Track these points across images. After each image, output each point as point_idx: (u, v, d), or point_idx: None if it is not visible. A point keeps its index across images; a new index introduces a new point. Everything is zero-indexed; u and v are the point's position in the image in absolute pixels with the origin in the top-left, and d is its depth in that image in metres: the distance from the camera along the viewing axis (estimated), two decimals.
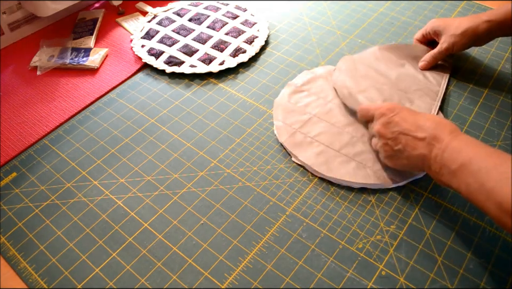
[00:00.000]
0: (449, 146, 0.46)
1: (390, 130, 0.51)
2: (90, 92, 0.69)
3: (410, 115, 0.51)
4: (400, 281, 0.47)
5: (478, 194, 0.42)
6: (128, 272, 0.48)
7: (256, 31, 0.79)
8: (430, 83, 0.67)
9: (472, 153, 0.44)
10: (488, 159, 0.43)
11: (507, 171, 0.41)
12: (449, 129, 0.48)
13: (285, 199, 0.55)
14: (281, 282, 0.47)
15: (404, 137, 0.50)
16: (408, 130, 0.50)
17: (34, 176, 0.58)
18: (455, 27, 0.66)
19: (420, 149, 0.48)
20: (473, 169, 0.43)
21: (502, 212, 0.40)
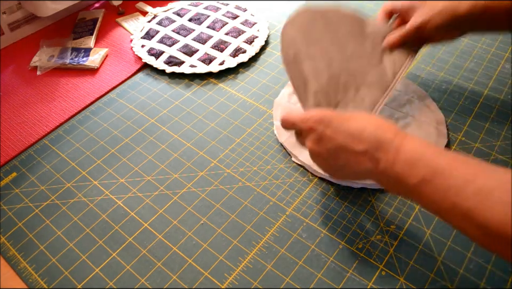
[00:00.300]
0: (399, 158, 0.39)
1: (325, 148, 0.44)
2: (90, 92, 0.69)
3: (342, 123, 0.43)
4: (400, 281, 0.47)
5: (451, 214, 0.37)
6: (128, 272, 0.48)
7: (256, 31, 0.79)
8: (383, 72, 0.58)
9: (430, 165, 0.38)
10: (453, 171, 0.37)
11: (483, 186, 0.35)
12: (391, 132, 0.41)
13: (285, 199, 0.55)
14: (281, 282, 0.47)
15: (342, 152, 0.43)
16: (345, 144, 0.42)
17: (34, 176, 0.58)
18: (432, 5, 0.55)
19: (363, 163, 0.41)
20: (438, 186, 0.37)
21: (486, 235, 0.35)
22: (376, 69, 0.58)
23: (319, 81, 0.55)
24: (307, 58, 0.57)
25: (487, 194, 0.35)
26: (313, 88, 0.55)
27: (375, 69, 0.58)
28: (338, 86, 0.56)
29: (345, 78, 0.56)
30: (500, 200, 0.34)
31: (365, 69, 0.58)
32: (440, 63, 0.73)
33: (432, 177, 0.37)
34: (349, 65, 0.58)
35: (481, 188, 0.35)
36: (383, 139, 0.41)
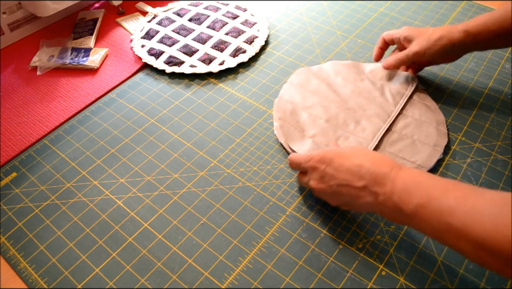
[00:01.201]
0: (396, 189, 0.42)
1: (328, 185, 0.47)
2: (90, 92, 0.69)
3: (342, 162, 0.46)
4: (400, 281, 0.47)
5: (446, 234, 0.39)
6: (128, 272, 0.48)
7: (256, 31, 0.79)
8: (385, 102, 0.64)
9: (425, 191, 0.41)
10: (446, 195, 0.39)
11: (474, 205, 0.37)
12: (387, 167, 0.44)
13: (285, 199, 0.55)
14: (281, 282, 0.47)
15: (344, 188, 0.46)
16: (346, 180, 0.45)
17: (34, 176, 0.58)
18: (429, 34, 0.62)
19: (364, 197, 0.45)
20: (433, 209, 0.39)
21: (481, 250, 0.36)
22: (376, 101, 0.65)
23: (317, 125, 0.62)
24: (304, 109, 0.64)
25: (478, 212, 0.37)
26: (311, 132, 0.61)
27: (375, 102, 0.65)
28: (338, 123, 0.62)
29: (344, 116, 0.63)
30: (490, 215, 0.36)
31: (365, 104, 0.64)
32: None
33: (426, 202, 0.40)
34: (348, 104, 0.65)
35: (473, 207, 0.37)
36: (380, 174, 0.44)
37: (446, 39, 0.60)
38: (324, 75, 0.70)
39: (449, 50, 0.61)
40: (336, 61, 0.72)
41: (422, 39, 0.62)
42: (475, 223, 0.36)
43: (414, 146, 0.59)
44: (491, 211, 0.36)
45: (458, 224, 0.37)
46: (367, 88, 0.67)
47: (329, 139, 0.60)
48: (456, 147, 0.60)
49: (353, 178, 0.45)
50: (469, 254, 0.38)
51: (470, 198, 0.38)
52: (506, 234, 0.34)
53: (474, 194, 0.39)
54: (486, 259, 0.37)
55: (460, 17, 0.82)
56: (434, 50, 0.61)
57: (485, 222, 0.36)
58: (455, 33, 0.60)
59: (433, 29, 0.63)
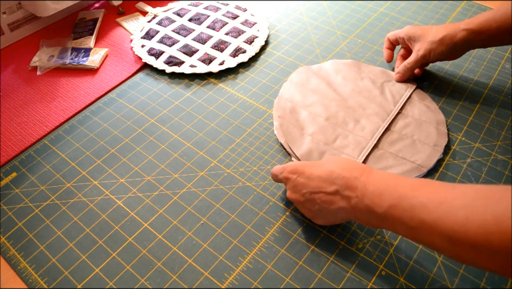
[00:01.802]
0: (367, 192, 0.42)
1: (300, 193, 0.48)
2: (90, 92, 0.69)
3: (313, 171, 0.47)
4: (400, 281, 0.47)
5: (419, 231, 0.38)
6: (128, 272, 0.48)
7: (256, 31, 0.79)
8: (385, 101, 0.65)
9: (395, 192, 0.41)
10: (416, 193, 0.39)
11: (445, 199, 0.37)
12: (357, 172, 0.44)
13: (285, 199, 0.55)
14: (281, 282, 0.47)
15: (317, 195, 0.46)
16: (317, 187, 0.46)
17: (34, 176, 0.58)
18: (432, 34, 0.63)
19: (337, 202, 0.45)
20: (405, 208, 0.39)
21: (451, 244, 0.36)
22: (376, 100, 0.65)
23: (317, 124, 0.62)
24: (304, 107, 0.64)
25: (449, 205, 0.36)
26: (310, 130, 0.61)
27: (375, 102, 0.65)
28: (337, 122, 0.62)
29: (344, 114, 0.63)
30: (461, 207, 0.35)
31: (365, 103, 0.65)
32: (440, 63, 0.73)
33: (398, 202, 0.40)
34: (348, 103, 0.65)
35: (444, 201, 0.37)
36: (350, 178, 0.44)
37: (449, 39, 0.62)
38: (324, 74, 0.70)
39: (453, 49, 0.63)
40: (336, 60, 0.72)
41: (426, 41, 0.64)
42: (447, 216, 0.36)
43: (414, 146, 0.59)
44: (462, 203, 0.36)
45: (430, 220, 0.37)
46: (367, 87, 0.67)
47: (328, 137, 0.60)
48: (456, 147, 0.60)
49: (325, 184, 0.45)
50: (444, 250, 0.37)
51: (441, 192, 0.38)
52: (479, 224, 0.34)
53: (445, 189, 0.38)
54: (461, 253, 0.36)
55: (460, 17, 0.82)
56: (439, 51, 0.63)
57: (456, 215, 0.36)
58: (458, 32, 0.61)
59: (436, 27, 0.64)
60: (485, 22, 0.60)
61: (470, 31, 0.61)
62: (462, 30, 0.61)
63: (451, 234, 0.36)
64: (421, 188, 0.40)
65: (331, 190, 0.45)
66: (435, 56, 0.64)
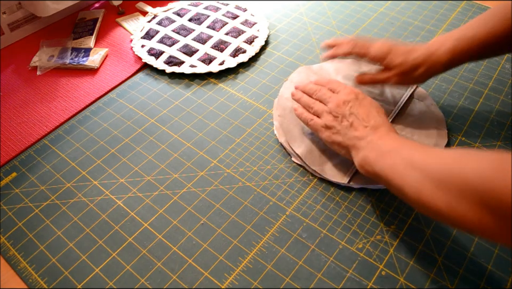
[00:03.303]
0: (384, 136, 0.51)
1: (348, 108, 0.54)
2: (90, 92, 0.69)
3: (368, 105, 0.55)
4: (400, 281, 0.47)
5: (402, 169, 0.45)
6: (128, 272, 0.48)
7: (256, 31, 0.79)
8: (385, 101, 0.65)
9: (403, 142, 0.49)
10: (419, 147, 0.47)
11: (436, 152, 0.44)
12: (388, 128, 0.52)
13: (285, 199, 0.55)
14: (281, 282, 0.47)
15: (354, 118, 0.53)
16: (361, 115, 0.53)
17: (34, 176, 0.58)
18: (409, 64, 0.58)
19: (360, 131, 0.52)
20: (404, 152, 0.46)
21: (421, 178, 0.42)
22: (377, 101, 0.62)
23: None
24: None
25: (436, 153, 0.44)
26: (310, 130, 0.60)
27: (375, 99, 0.62)
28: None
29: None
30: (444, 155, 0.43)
31: None
32: None
33: (401, 147, 0.48)
34: None
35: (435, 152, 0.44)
36: (383, 127, 0.52)
37: (430, 69, 0.57)
38: (324, 73, 0.70)
39: (438, 71, 0.58)
40: (336, 60, 0.72)
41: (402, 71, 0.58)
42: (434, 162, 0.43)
43: None
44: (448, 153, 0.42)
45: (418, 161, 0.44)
46: (367, 87, 0.67)
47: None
48: (456, 147, 0.60)
49: (366, 118, 0.53)
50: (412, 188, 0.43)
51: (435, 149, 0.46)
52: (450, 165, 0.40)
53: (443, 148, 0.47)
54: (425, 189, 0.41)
55: (460, 17, 0.82)
56: (419, 81, 0.59)
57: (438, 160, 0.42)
58: (441, 55, 0.56)
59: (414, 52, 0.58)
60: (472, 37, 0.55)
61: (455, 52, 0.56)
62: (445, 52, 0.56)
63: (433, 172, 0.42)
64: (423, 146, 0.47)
65: (366, 124, 0.52)
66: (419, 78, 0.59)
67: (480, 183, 0.37)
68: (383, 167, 0.47)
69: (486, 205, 0.36)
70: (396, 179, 0.45)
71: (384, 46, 0.60)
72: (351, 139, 0.52)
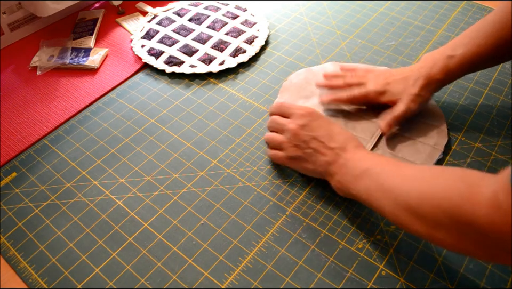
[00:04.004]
0: (354, 157, 0.50)
1: (305, 133, 0.53)
2: (90, 92, 0.69)
3: (326, 124, 0.54)
4: (400, 281, 0.47)
5: (377, 193, 0.45)
6: (128, 272, 0.48)
7: (256, 31, 0.79)
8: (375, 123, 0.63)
9: (373, 161, 0.48)
10: (388, 165, 0.47)
11: (405, 174, 0.44)
12: (355, 143, 0.52)
13: (285, 199, 0.55)
14: (281, 282, 0.47)
15: (316, 142, 0.52)
16: (322, 137, 0.52)
17: (34, 176, 0.58)
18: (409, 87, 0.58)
19: (328, 156, 0.51)
20: (374, 173, 0.46)
21: (396, 204, 0.43)
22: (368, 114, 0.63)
23: None
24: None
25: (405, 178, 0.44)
26: None
27: (366, 115, 0.63)
28: (336, 123, 0.60)
29: (342, 116, 0.63)
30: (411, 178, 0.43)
31: (364, 104, 0.63)
32: None
33: (371, 167, 0.47)
34: (347, 104, 0.64)
35: (402, 174, 0.45)
36: (349, 145, 0.51)
37: (431, 89, 0.59)
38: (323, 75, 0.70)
39: (435, 92, 0.60)
40: (336, 62, 0.72)
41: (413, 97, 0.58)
42: (401, 185, 0.43)
43: (414, 146, 0.59)
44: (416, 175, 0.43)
45: (387, 185, 0.44)
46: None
47: None
48: (456, 147, 0.60)
49: (329, 139, 0.52)
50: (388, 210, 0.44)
51: (406, 167, 0.46)
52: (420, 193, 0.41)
53: (411, 165, 0.47)
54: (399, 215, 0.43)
55: (460, 17, 0.82)
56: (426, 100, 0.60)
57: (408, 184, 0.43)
58: (435, 75, 0.58)
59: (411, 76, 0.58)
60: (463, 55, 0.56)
61: (447, 71, 0.57)
62: (439, 72, 0.58)
63: (400, 196, 0.42)
64: (392, 162, 0.48)
65: (331, 145, 0.51)
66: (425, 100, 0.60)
67: (451, 211, 0.37)
68: (359, 191, 0.47)
69: (462, 230, 0.37)
70: (373, 202, 0.46)
71: (379, 79, 0.61)
72: (322, 165, 0.51)
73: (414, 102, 0.58)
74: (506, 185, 0.34)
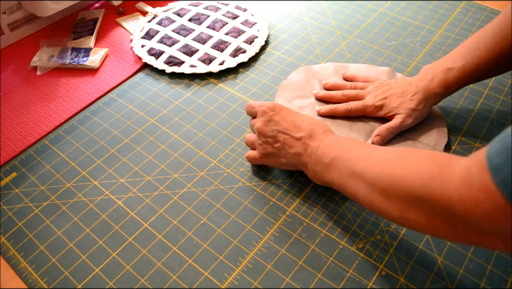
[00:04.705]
0: (322, 144, 0.49)
1: (270, 129, 0.52)
2: (90, 92, 0.69)
3: (289, 115, 0.53)
4: (400, 281, 0.47)
5: (349, 179, 0.45)
6: (128, 272, 0.48)
7: (256, 31, 0.79)
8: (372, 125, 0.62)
9: (342, 147, 0.48)
10: (357, 149, 0.46)
11: (374, 154, 0.44)
12: (322, 129, 0.51)
13: (285, 199, 0.55)
14: (281, 282, 0.47)
15: (283, 136, 0.52)
16: (287, 129, 0.51)
17: (34, 176, 0.58)
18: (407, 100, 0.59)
19: (296, 147, 0.51)
20: (344, 159, 0.46)
21: (368, 188, 0.42)
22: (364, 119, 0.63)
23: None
24: (301, 109, 0.64)
25: (375, 158, 0.43)
26: None
27: (363, 116, 0.63)
28: (334, 123, 0.62)
29: (339, 121, 0.62)
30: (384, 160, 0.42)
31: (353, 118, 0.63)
32: None
33: (340, 154, 0.47)
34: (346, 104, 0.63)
35: (373, 155, 0.44)
36: (316, 132, 0.50)
37: (429, 102, 0.59)
38: (323, 75, 0.70)
39: (434, 104, 0.60)
40: (336, 63, 0.72)
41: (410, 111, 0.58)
42: (371, 167, 0.43)
43: (414, 146, 0.59)
44: (385, 157, 0.43)
45: (359, 169, 0.44)
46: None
47: None
48: (456, 147, 0.60)
49: (294, 129, 0.51)
50: (362, 195, 0.43)
51: (376, 150, 0.45)
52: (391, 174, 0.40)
53: (379, 148, 0.46)
54: (373, 199, 0.42)
55: (460, 17, 0.82)
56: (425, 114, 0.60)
57: (376, 165, 0.42)
58: (434, 89, 0.58)
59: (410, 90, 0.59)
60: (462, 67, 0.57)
61: (447, 84, 0.58)
62: (437, 86, 0.58)
63: (371, 178, 0.42)
64: (361, 146, 0.47)
65: (297, 135, 0.51)
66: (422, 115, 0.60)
67: (422, 189, 0.37)
68: (332, 179, 0.47)
69: (433, 210, 0.37)
70: (346, 188, 0.46)
71: (378, 92, 0.61)
72: (293, 157, 0.51)
73: (410, 117, 0.58)
74: (481, 160, 0.33)
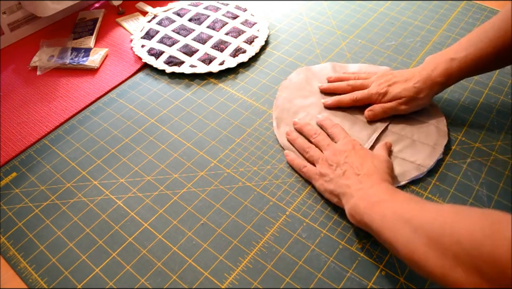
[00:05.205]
0: (377, 185, 0.49)
1: (343, 156, 0.53)
2: (90, 92, 0.69)
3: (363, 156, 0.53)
4: (400, 281, 0.47)
5: (393, 222, 0.43)
6: (128, 272, 0.48)
7: (256, 31, 0.79)
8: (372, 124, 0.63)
9: (396, 193, 0.47)
10: (411, 199, 0.45)
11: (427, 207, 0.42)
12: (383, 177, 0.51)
13: (285, 199, 0.55)
14: (281, 282, 0.47)
15: (348, 167, 0.52)
16: (355, 164, 0.52)
17: (34, 176, 0.58)
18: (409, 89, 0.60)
19: (351, 179, 0.51)
20: (395, 205, 0.45)
21: (413, 236, 0.40)
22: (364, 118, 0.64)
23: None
24: (302, 109, 0.65)
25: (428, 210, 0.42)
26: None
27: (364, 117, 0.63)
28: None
29: (341, 116, 0.63)
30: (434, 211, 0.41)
31: (359, 109, 0.63)
32: None
33: (392, 197, 0.46)
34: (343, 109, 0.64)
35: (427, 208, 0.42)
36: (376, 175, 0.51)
37: (430, 92, 0.60)
38: (323, 75, 0.70)
39: (435, 94, 0.61)
40: (335, 63, 0.72)
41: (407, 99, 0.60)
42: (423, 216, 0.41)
43: (413, 146, 0.59)
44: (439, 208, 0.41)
45: (408, 216, 0.42)
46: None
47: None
48: (456, 147, 0.60)
49: (360, 166, 0.52)
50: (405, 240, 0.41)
51: (431, 203, 0.44)
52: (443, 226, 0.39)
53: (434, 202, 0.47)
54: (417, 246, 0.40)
55: (460, 17, 0.82)
56: (423, 104, 0.61)
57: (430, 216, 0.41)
58: (436, 78, 0.59)
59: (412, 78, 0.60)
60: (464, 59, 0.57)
61: (450, 76, 0.58)
62: (439, 75, 0.58)
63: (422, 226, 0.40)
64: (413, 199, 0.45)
65: (358, 172, 0.51)
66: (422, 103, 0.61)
67: (472, 247, 0.35)
68: (373, 218, 0.45)
69: (480, 270, 0.35)
70: (386, 233, 0.43)
71: (382, 80, 0.62)
72: (342, 186, 0.51)
73: (407, 104, 0.60)
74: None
